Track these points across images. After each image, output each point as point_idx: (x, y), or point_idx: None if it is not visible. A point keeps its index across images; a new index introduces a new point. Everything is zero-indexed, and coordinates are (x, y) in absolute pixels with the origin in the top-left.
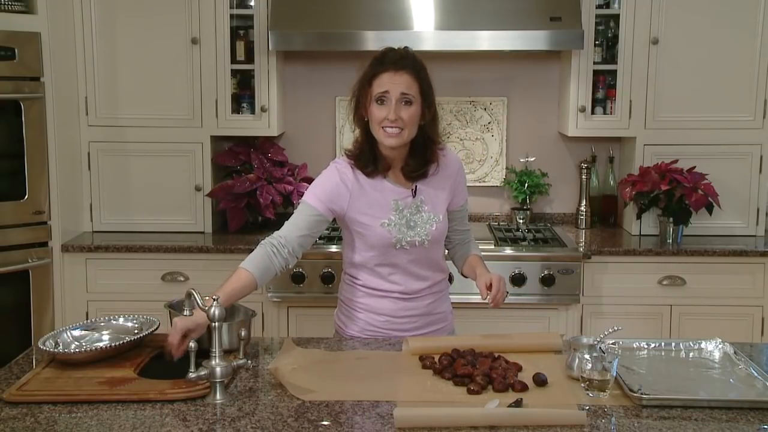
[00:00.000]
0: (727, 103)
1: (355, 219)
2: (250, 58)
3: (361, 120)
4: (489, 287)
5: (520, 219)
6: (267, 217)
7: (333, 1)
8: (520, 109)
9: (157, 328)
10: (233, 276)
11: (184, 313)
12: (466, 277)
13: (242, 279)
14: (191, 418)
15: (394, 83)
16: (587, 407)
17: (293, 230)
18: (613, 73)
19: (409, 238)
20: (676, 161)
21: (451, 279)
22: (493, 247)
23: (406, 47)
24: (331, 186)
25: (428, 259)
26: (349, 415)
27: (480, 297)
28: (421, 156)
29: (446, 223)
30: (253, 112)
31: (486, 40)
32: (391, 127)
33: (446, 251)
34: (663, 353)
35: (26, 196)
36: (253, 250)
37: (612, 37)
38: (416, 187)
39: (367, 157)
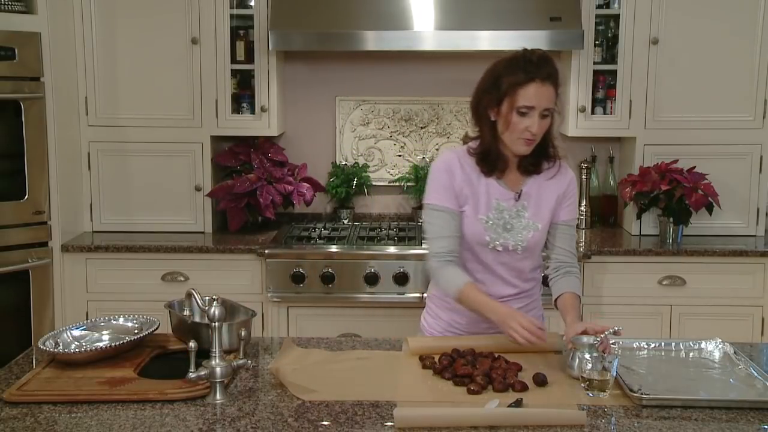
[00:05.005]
0: (727, 103)
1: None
2: (250, 58)
3: (488, 120)
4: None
5: None
6: (267, 217)
7: (333, 1)
8: None
9: (157, 328)
10: (473, 292)
11: (185, 313)
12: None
13: (479, 288)
14: (191, 418)
15: (540, 97)
16: (587, 407)
17: (447, 239)
18: (613, 73)
19: (502, 240)
20: (676, 161)
21: None
22: None
23: (539, 49)
24: (447, 182)
25: (517, 269)
26: (349, 415)
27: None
28: (538, 152)
29: (545, 234)
30: (253, 112)
31: (486, 40)
32: (530, 138)
33: (547, 274)
34: (663, 353)
35: (26, 196)
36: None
37: (612, 37)
38: (521, 191)
39: (493, 158)
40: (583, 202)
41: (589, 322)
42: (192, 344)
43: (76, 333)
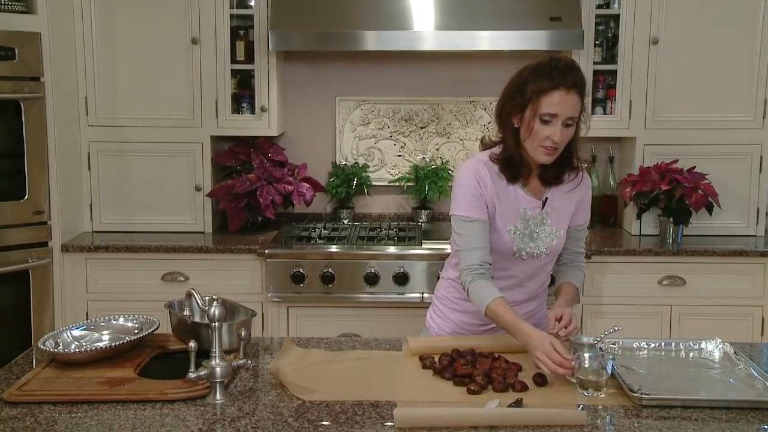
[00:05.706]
0: (727, 103)
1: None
2: (250, 58)
3: (511, 126)
4: (558, 319)
5: None
6: (267, 217)
7: (333, 1)
8: None
9: (157, 328)
10: (500, 309)
11: (185, 313)
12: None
13: (508, 304)
14: (191, 418)
15: (564, 105)
16: (587, 407)
17: (479, 251)
18: (613, 73)
19: (529, 249)
20: (676, 161)
21: None
22: None
23: (567, 56)
24: (477, 191)
25: (535, 274)
26: (349, 415)
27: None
28: (561, 163)
29: (565, 239)
30: (253, 112)
31: (486, 40)
32: (552, 147)
33: (555, 271)
34: (663, 353)
35: (26, 196)
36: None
37: (612, 37)
38: (546, 199)
39: (517, 165)
40: None
41: (567, 310)
42: (192, 344)
43: (76, 333)
